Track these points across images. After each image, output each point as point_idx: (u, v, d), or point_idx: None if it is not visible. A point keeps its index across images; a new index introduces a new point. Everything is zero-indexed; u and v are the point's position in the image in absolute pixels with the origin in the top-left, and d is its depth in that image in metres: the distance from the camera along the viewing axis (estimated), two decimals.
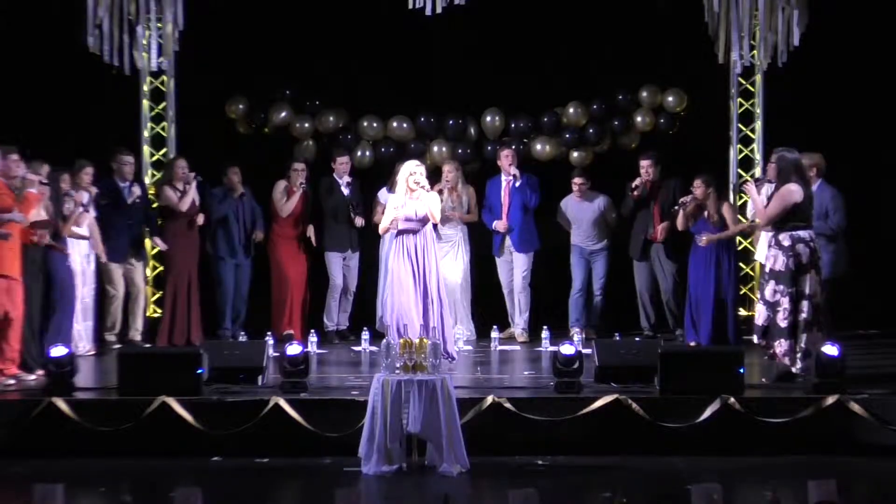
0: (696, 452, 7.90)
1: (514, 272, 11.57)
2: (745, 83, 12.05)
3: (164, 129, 12.14)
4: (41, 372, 8.98)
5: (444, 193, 11.25)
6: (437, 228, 10.26)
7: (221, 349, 9.00)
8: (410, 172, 9.43)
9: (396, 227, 9.41)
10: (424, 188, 9.38)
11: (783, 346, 8.65)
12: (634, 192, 11.26)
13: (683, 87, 12.22)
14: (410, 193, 9.38)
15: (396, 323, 9.18)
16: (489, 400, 8.05)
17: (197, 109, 12.12)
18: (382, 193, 11.25)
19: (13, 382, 8.82)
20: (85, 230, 10.32)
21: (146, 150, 12.12)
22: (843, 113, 11.79)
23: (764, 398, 8.33)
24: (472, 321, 11.52)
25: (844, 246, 10.26)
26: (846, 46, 11.74)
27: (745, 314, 11.80)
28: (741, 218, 11.28)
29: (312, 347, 10.47)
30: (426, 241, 9.44)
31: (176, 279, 11.09)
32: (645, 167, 11.29)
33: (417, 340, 7.62)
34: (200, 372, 8.35)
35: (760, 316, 8.81)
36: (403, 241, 9.42)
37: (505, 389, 8.59)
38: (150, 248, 11.59)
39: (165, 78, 12.08)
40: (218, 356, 8.73)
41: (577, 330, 11.17)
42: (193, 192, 11.08)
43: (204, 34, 11.69)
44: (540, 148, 12.34)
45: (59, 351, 8.54)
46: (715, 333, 10.56)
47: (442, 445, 7.46)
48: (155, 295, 11.63)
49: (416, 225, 9.40)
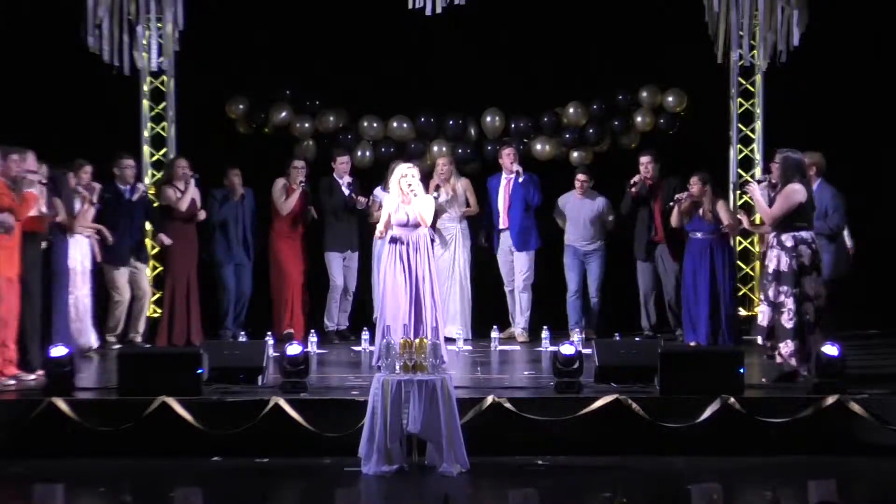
0: (696, 452, 7.90)
1: (514, 271, 11.57)
2: (745, 83, 12.04)
3: (164, 129, 12.13)
4: (41, 372, 8.98)
5: (439, 188, 11.25)
6: (436, 227, 10.25)
7: (221, 349, 9.00)
8: (402, 175, 9.43)
9: (388, 235, 9.44)
10: (415, 192, 9.37)
11: (789, 346, 8.63)
12: (633, 188, 11.26)
13: (683, 87, 12.21)
14: (403, 197, 9.38)
15: (387, 328, 9.21)
16: (489, 400, 8.05)
17: (197, 109, 12.11)
18: (378, 192, 11.26)
19: (13, 382, 8.82)
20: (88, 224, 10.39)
21: (146, 150, 12.11)
22: (842, 113, 11.78)
23: (764, 398, 8.34)
24: (469, 322, 11.47)
25: (844, 247, 10.25)
26: (846, 46, 11.74)
27: (745, 314, 11.81)
28: (741, 218, 11.28)
29: (312, 347, 10.47)
30: (419, 245, 9.43)
31: (175, 279, 11.09)
32: (644, 164, 11.28)
33: (417, 340, 7.63)
34: (200, 372, 8.35)
35: (764, 317, 8.79)
36: (397, 245, 9.43)
37: (505, 389, 8.59)
38: (150, 247, 11.58)
39: (165, 78, 12.07)
40: (218, 356, 8.73)
41: (577, 331, 11.17)
42: (193, 190, 11.09)
43: (204, 34, 11.69)
44: (540, 148, 12.33)
45: (59, 351, 8.53)
46: (711, 332, 10.55)
47: (442, 445, 7.47)
48: (155, 295, 11.62)
49: (409, 230, 9.40)
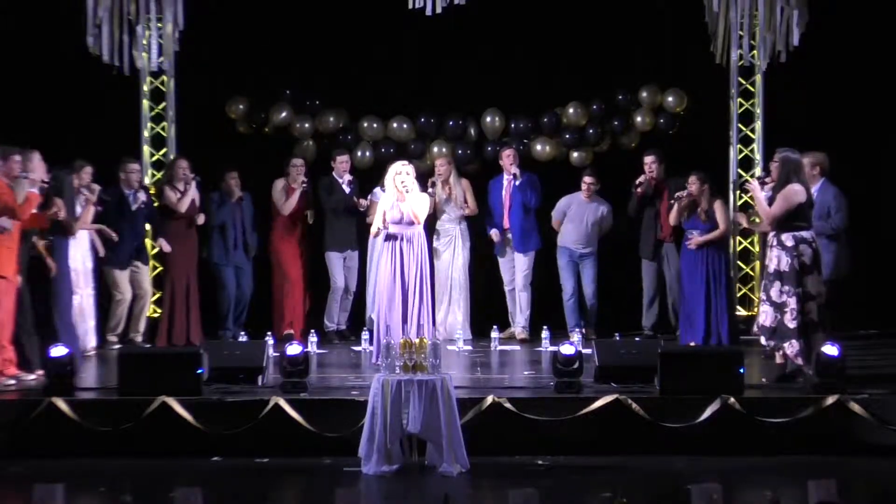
0: (696, 452, 7.91)
1: (514, 271, 11.57)
2: (745, 83, 12.03)
3: (164, 129, 12.12)
4: (41, 372, 8.98)
5: (436, 187, 11.25)
6: (436, 225, 10.22)
7: (221, 349, 9.01)
8: (397, 172, 9.45)
9: (385, 231, 9.44)
10: (409, 189, 9.37)
11: (794, 346, 8.62)
12: (638, 188, 11.26)
13: (683, 87, 12.22)
14: (398, 195, 9.38)
15: (380, 324, 9.25)
16: (489, 400, 8.05)
17: (197, 109, 12.10)
18: (378, 192, 11.26)
19: (13, 382, 8.82)
20: (85, 234, 10.37)
21: (146, 150, 12.09)
22: (842, 113, 11.78)
23: (764, 398, 8.34)
24: (468, 321, 11.47)
25: (846, 246, 10.25)
26: (846, 46, 11.73)
27: (745, 314, 11.80)
28: (740, 218, 11.28)
29: (312, 347, 10.46)
30: (414, 242, 9.44)
31: (174, 279, 11.08)
32: (648, 164, 11.28)
33: (417, 340, 7.63)
34: (200, 372, 8.35)
35: (767, 317, 8.76)
36: (392, 243, 9.44)
37: (505, 389, 8.59)
38: (150, 247, 11.58)
39: (165, 78, 12.06)
40: (218, 356, 8.74)
41: (577, 331, 11.17)
42: (193, 192, 11.08)
43: (204, 34, 11.68)
44: (540, 148, 12.33)
45: (59, 351, 8.53)
46: (707, 333, 10.52)
47: (442, 445, 7.47)
48: (155, 295, 11.62)
49: (403, 227, 9.42)
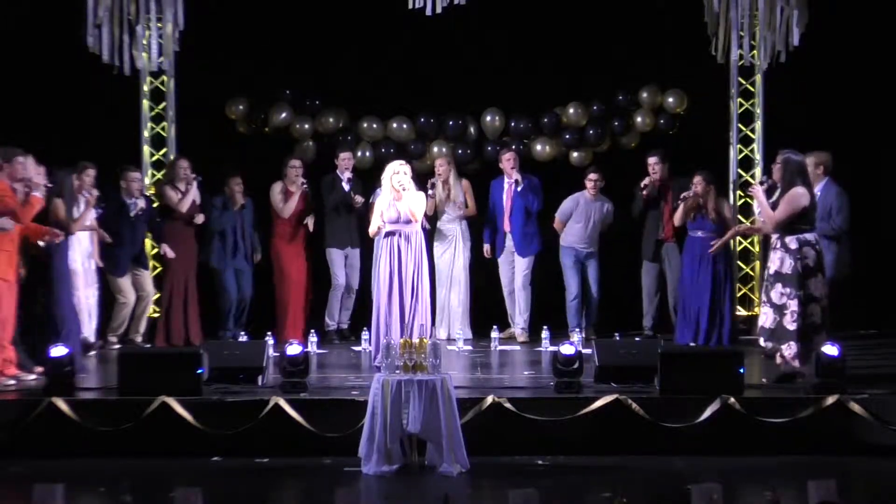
0: (696, 452, 7.91)
1: (514, 272, 11.56)
2: (745, 83, 12.04)
3: (164, 129, 12.13)
4: (40, 368, 8.98)
5: (436, 187, 11.24)
6: (436, 225, 10.16)
7: (221, 349, 9.00)
8: (394, 172, 9.44)
9: (383, 231, 9.45)
10: (405, 188, 9.37)
11: (792, 348, 8.62)
12: (644, 191, 11.25)
13: (683, 87, 12.22)
14: (395, 194, 9.39)
15: (378, 324, 9.25)
16: (489, 400, 8.05)
17: (197, 109, 12.11)
18: (378, 193, 11.23)
19: (13, 382, 8.82)
20: (87, 235, 10.37)
21: (146, 150, 12.10)
22: (842, 112, 11.78)
23: (764, 398, 8.33)
24: (468, 321, 11.47)
25: (848, 246, 10.24)
26: (846, 46, 11.74)
27: (745, 314, 11.80)
28: (740, 218, 11.28)
29: (312, 347, 10.47)
30: (412, 242, 9.43)
31: (173, 279, 11.08)
32: (652, 164, 11.27)
33: (417, 340, 7.63)
34: (200, 372, 8.35)
35: (767, 318, 8.76)
36: (390, 242, 9.45)
37: (505, 389, 8.59)
38: (149, 247, 11.58)
39: (165, 78, 12.06)
40: (218, 356, 8.73)
41: (577, 331, 11.16)
42: (194, 192, 11.07)
43: (204, 34, 11.68)
44: (540, 148, 12.33)
45: (59, 351, 8.52)
46: (708, 333, 10.52)
47: (442, 445, 7.46)
48: (155, 295, 11.61)
49: (401, 227, 9.41)
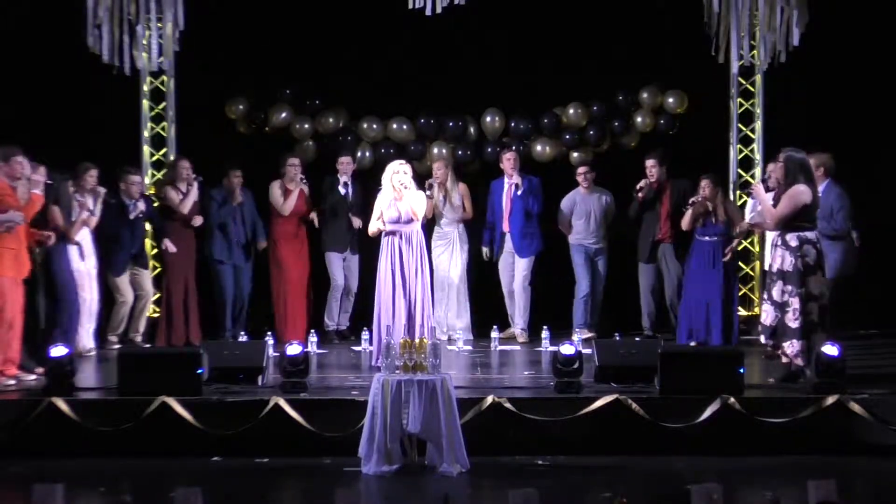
0: (696, 452, 7.91)
1: (514, 272, 11.56)
2: (745, 83, 12.04)
3: (164, 129, 12.13)
4: (40, 369, 8.98)
5: (433, 189, 11.23)
6: (433, 226, 10.16)
7: (221, 349, 9.00)
8: (394, 172, 9.45)
9: (384, 230, 9.45)
10: (407, 188, 9.38)
11: (795, 346, 8.60)
12: (640, 193, 11.25)
13: (683, 87, 12.22)
14: (396, 194, 9.39)
15: (380, 324, 9.26)
16: (489, 400, 8.05)
17: (197, 109, 12.11)
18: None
19: (13, 382, 8.82)
20: (87, 235, 10.36)
21: (146, 150, 12.10)
22: (842, 112, 11.78)
23: (764, 398, 8.33)
24: (469, 322, 11.46)
25: (851, 246, 10.24)
26: (846, 46, 11.74)
27: (745, 314, 11.80)
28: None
29: (312, 347, 10.47)
30: (413, 241, 9.44)
31: (173, 280, 11.07)
32: (649, 167, 11.26)
33: (418, 340, 7.62)
34: (200, 372, 8.35)
35: (768, 316, 8.75)
36: (391, 242, 9.46)
37: (505, 389, 8.58)
38: (149, 248, 11.58)
39: (165, 78, 12.06)
40: (218, 356, 8.73)
41: (584, 330, 11.14)
42: (195, 193, 11.07)
43: (204, 34, 11.69)
44: (540, 149, 12.33)
45: (59, 351, 8.53)
46: (724, 334, 10.51)
47: (442, 445, 7.46)
48: (156, 295, 11.61)
49: (402, 226, 9.42)
